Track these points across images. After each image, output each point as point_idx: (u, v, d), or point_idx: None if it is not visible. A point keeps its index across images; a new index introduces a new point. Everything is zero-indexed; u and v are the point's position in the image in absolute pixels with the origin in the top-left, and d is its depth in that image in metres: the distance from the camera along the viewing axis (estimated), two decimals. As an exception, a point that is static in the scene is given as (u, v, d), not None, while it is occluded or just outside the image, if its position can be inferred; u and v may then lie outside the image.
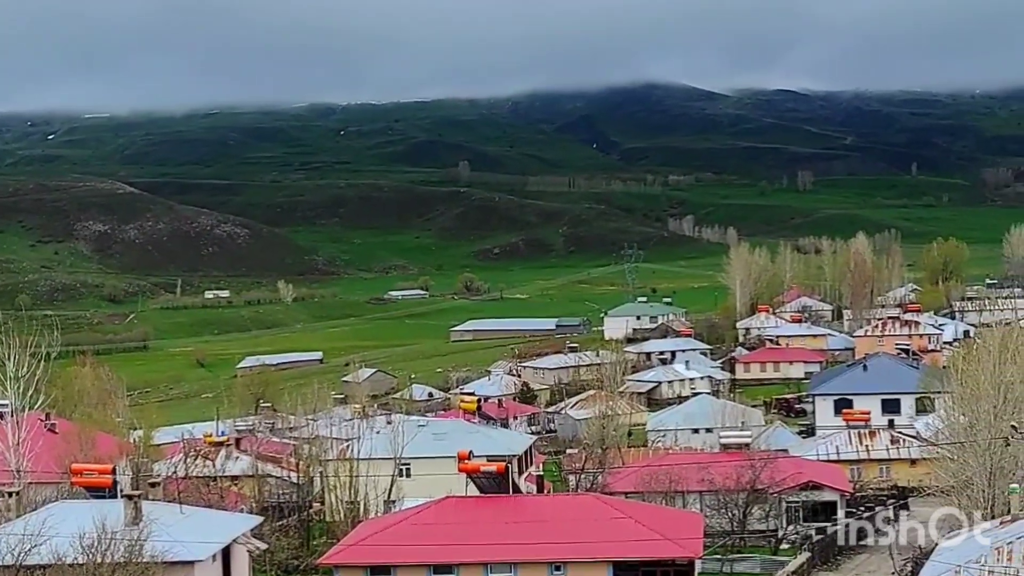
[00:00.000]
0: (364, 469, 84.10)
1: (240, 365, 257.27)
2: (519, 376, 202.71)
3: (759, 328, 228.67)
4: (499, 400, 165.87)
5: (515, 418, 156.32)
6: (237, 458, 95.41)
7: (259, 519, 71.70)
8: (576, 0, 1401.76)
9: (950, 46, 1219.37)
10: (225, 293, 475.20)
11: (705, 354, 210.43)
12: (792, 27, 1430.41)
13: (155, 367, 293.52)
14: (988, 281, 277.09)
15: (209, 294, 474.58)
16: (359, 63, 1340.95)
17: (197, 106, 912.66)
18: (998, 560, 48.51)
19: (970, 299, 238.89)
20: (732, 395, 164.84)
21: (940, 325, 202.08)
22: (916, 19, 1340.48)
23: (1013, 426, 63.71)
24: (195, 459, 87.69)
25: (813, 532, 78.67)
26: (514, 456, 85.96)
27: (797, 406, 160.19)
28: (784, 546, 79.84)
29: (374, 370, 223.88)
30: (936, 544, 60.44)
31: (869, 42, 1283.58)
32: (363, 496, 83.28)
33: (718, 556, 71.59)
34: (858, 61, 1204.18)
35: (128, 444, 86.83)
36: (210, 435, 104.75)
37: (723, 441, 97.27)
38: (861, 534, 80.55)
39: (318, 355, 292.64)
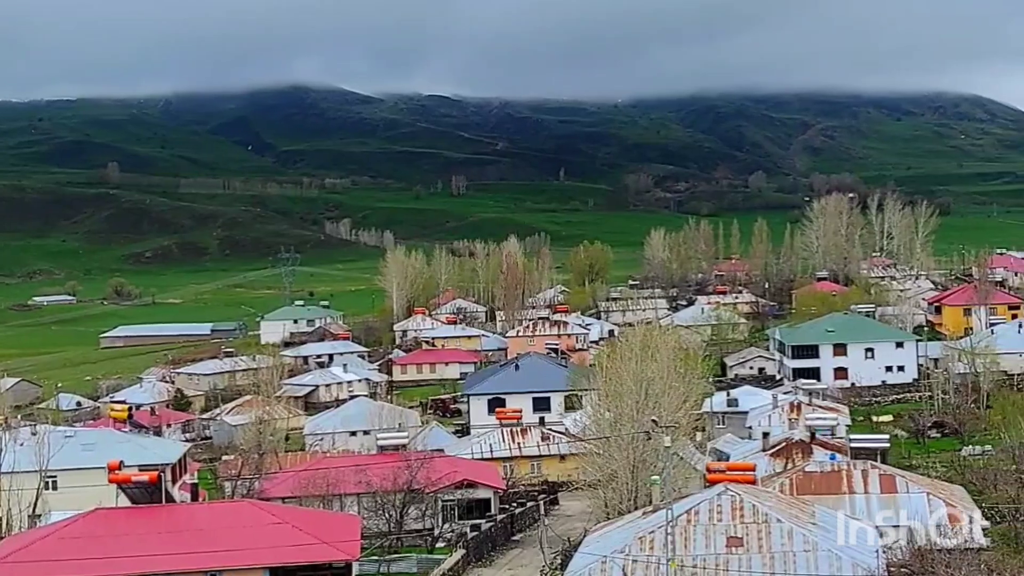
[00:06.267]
0: (6, 483, 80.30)
1: None
2: (173, 383, 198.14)
3: (415, 330, 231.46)
4: (152, 408, 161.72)
5: (169, 426, 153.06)
6: None
7: None
8: (219, 2, 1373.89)
9: (594, 57, 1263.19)
10: None
11: (363, 357, 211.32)
12: (434, 34, 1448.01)
13: None
14: (631, 282, 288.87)
15: None
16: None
17: None
18: (641, 549, 50.90)
19: (614, 299, 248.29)
20: (389, 397, 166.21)
21: (587, 325, 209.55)
22: (560, 30, 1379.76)
23: (654, 420, 66.67)
24: None
25: (468, 529, 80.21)
26: (168, 465, 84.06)
27: (453, 406, 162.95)
28: (440, 544, 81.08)
29: (18, 379, 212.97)
30: (584, 536, 62.83)
31: (514, 51, 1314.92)
32: (6, 511, 79.50)
33: (375, 557, 72.08)
34: (505, 69, 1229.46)
35: None
36: None
37: (380, 443, 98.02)
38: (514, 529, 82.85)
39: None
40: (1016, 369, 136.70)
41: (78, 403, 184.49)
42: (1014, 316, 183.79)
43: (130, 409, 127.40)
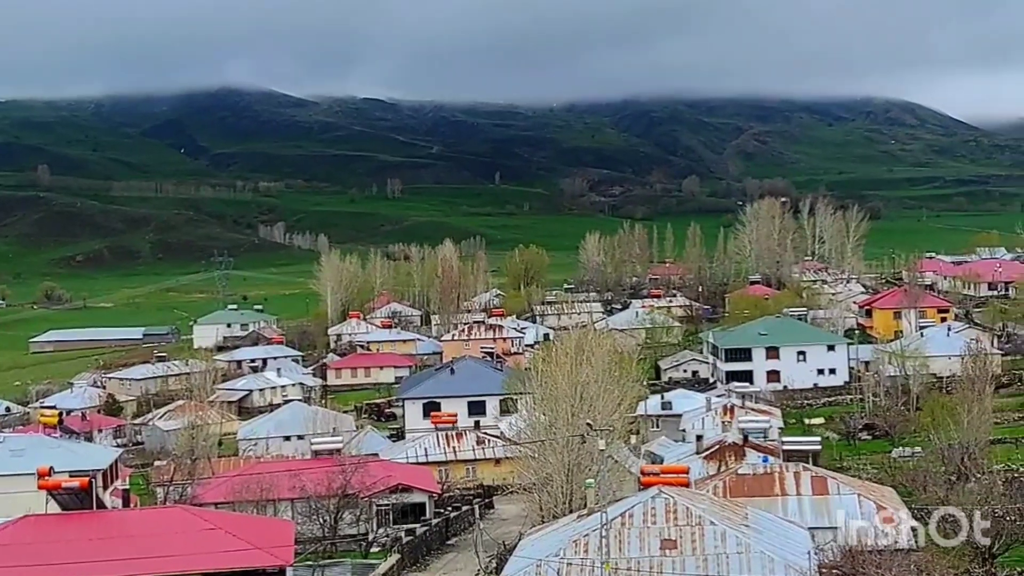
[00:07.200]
0: (-68, 491, 79.11)
1: None
2: (104, 387, 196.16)
3: (350, 334, 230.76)
4: (83, 413, 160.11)
5: (100, 431, 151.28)
6: None
7: None
8: (148, 3, 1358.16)
9: (529, 61, 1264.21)
10: None
11: (297, 361, 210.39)
12: (366, 37, 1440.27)
13: None
14: (566, 286, 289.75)
15: None
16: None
17: None
18: (575, 552, 51.09)
19: (550, 303, 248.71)
20: (324, 401, 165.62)
21: (522, 329, 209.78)
22: (493, 34, 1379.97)
23: (588, 424, 66.92)
24: None
25: (403, 534, 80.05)
26: (99, 470, 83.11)
27: (387, 410, 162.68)
28: (375, 549, 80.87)
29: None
30: (519, 539, 62.93)
31: (448, 54, 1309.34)
32: (-69, 520, 78.25)
33: (309, 562, 71.73)
34: (439, 72, 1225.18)
35: None
36: None
37: (315, 447, 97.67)
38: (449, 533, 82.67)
39: None
40: (945, 372, 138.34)
41: (7, 408, 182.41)
42: (943, 319, 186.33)
43: (61, 414, 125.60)
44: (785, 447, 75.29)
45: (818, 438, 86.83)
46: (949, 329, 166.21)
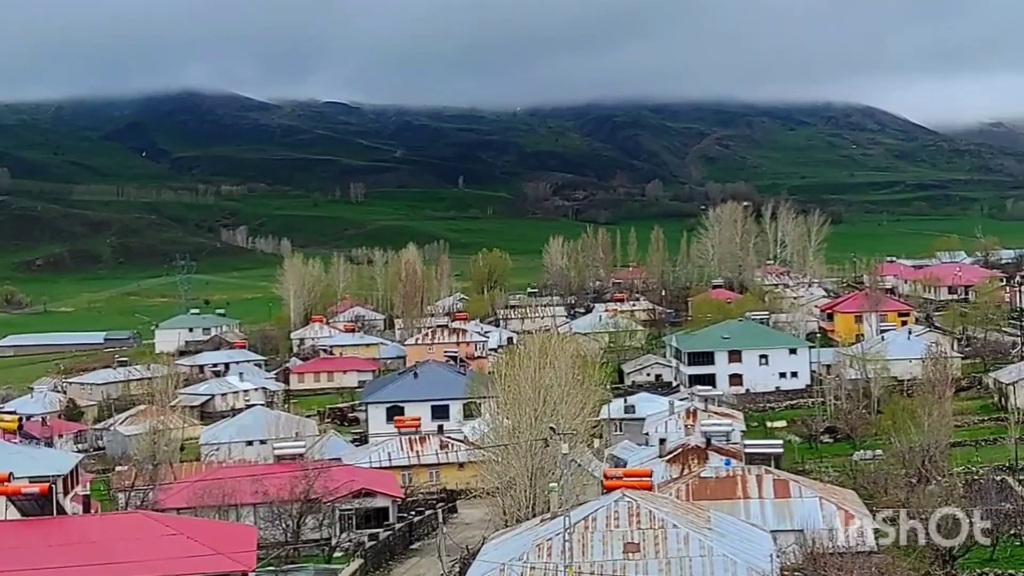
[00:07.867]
0: None
1: None
2: (65, 392, 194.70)
3: (313, 338, 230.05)
4: (43, 418, 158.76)
5: (60, 436, 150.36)
6: None
7: None
8: (107, 6, 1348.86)
9: (492, 65, 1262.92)
10: None
11: (259, 365, 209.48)
12: (329, 40, 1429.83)
13: None
14: (529, 290, 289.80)
15: None
16: None
17: None
18: (539, 556, 51.15)
19: (513, 307, 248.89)
20: (287, 406, 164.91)
21: (486, 332, 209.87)
22: (456, 38, 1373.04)
23: (552, 428, 66.97)
24: None
25: (366, 538, 79.88)
26: (59, 476, 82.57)
27: (351, 415, 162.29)
28: (338, 554, 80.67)
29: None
30: (482, 543, 62.93)
31: (411, 58, 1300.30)
32: None
33: (272, 567, 71.50)
34: (402, 76, 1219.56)
35: None
36: None
37: (277, 452, 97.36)
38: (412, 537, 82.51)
39: None
40: (906, 375, 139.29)
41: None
42: (904, 323, 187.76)
43: (20, 419, 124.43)
44: (747, 450, 75.63)
45: (780, 441, 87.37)
46: (910, 333, 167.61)
